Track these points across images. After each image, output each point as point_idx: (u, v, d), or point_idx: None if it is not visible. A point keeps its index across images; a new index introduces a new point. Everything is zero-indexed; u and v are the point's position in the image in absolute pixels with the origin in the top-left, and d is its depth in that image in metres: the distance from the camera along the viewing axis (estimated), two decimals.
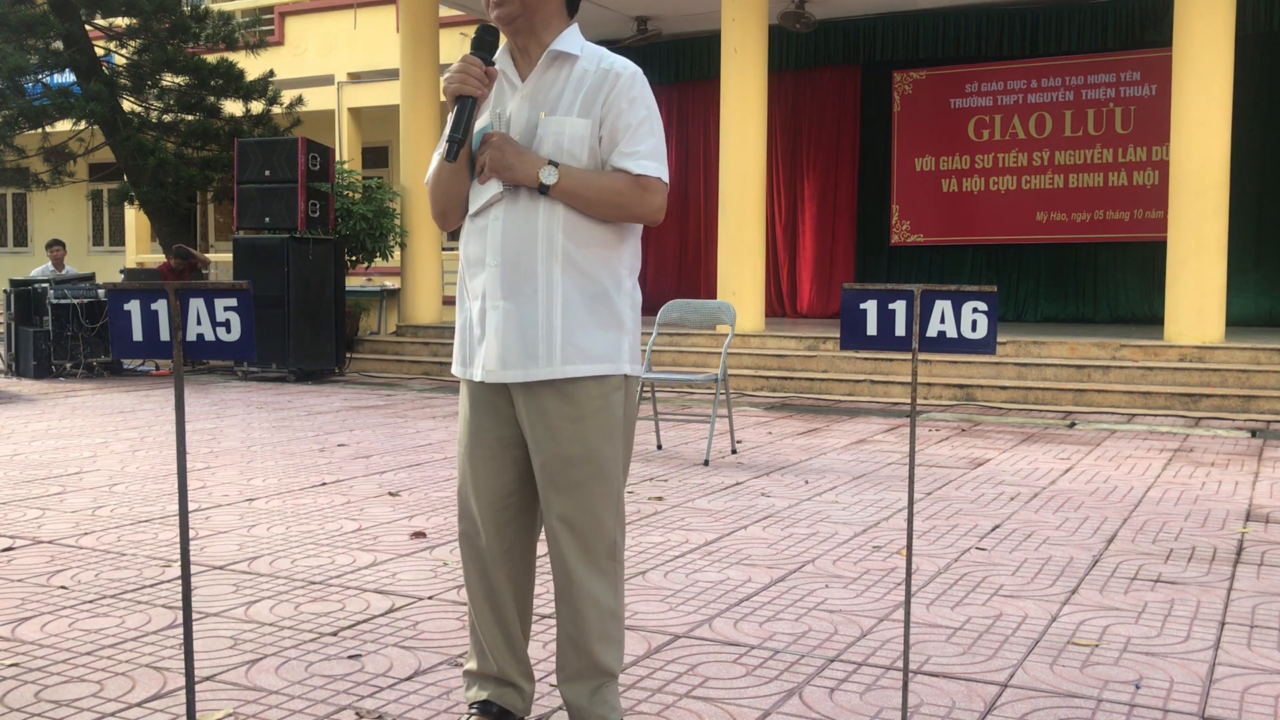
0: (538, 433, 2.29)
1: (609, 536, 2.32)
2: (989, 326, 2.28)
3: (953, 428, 7.76)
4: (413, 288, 12.79)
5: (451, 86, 2.25)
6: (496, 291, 2.28)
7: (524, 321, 2.26)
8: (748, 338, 10.61)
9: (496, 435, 2.36)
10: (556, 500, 2.29)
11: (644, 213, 2.29)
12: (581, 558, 2.30)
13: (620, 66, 2.31)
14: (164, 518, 4.69)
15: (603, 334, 2.29)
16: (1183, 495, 5.31)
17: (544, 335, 2.25)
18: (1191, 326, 9.30)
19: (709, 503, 5.05)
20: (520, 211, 2.27)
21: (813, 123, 13.97)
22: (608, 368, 2.28)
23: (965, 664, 2.94)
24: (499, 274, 2.27)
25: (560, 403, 2.26)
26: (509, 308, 2.27)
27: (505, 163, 2.24)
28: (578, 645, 2.33)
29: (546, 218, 2.25)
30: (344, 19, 17.18)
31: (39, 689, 2.75)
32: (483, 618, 2.41)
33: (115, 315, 1.94)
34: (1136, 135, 12.47)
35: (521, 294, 2.26)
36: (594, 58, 2.32)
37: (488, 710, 2.41)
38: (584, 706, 2.34)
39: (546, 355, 2.25)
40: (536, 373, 2.26)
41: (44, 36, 12.77)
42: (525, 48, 2.34)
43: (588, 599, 2.30)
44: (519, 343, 2.26)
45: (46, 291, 11.08)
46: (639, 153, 2.26)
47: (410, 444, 6.83)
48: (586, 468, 2.27)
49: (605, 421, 2.29)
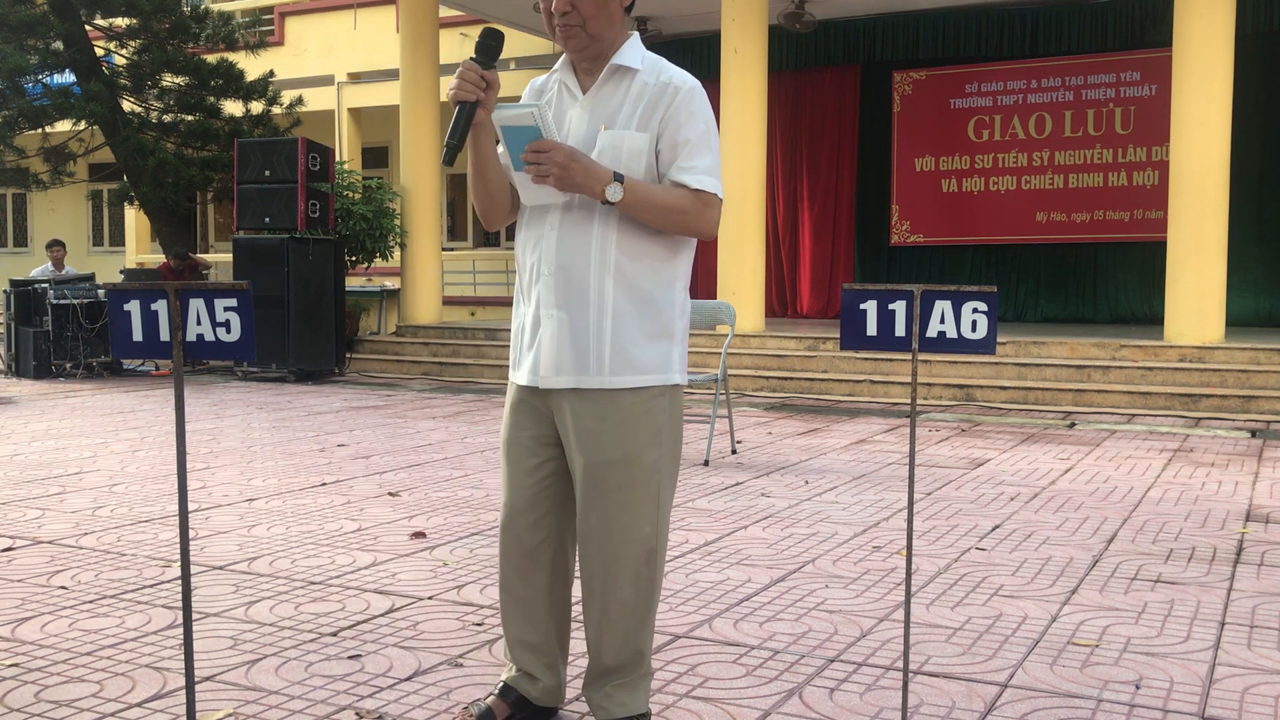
0: (580, 436, 2.33)
1: (647, 543, 2.35)
2: (989, 327, 2.28)
3: (953, 428, 7.76)
4: (413, 288, 12.79)
5: (451, 93, 2.28)
6: (550, 300, 2.33)
7: (575, 331, 2.31)
8: (748, 338, 10.61)
9: (534, 434, 2.41)
10: (596, 503, 2.33)
11: (702, 228, 2.33)
12: (615, 562, 2.34)
13: (679, 80, 2.34)
14: (164, 518, 4.69)
15: (652, 345, 2.33)
16: (1183, 495, 5.31)
17: (594, 346, 2.30)
18: (1191, 327, 9.30)
19: (709, 503, 5.05)
20: (575, 222, 2.31)
21: (813, 123, 13.97)
22: (656, 378, 2.34)
23: (965, 664, 2.94)
24: (552, 283, 2.32)
25: (604, 409, 2.31)
26: (562, 316, 2.32)
27: (573, 179, 2.24)
28: (602, 644, 2.39)
29: (601, 230, 2.30)
30: (344, 19, 17.18)
31: (39, 689, 2.75)
32: (507, 609, 2.49)
33: (115, 315, 1.94)
34: (1136, 135, 12.46)
35: (574, 304, 2.31)
36: (653, 70, 2.36)
37: (506, 695, 2.50)
38: (593, 699, 2.42)
39: (597, 365, 2.30)
40: (587, 381, 2.31)
41: (44, 36, 12.77)
42: (590, 63, 2.37)
43: (618, 602, 2.35)
44: (571, 352, 2.31)
45: (46, 292, 11.08)
46: (697, 168, 2.30)
47: (410, 444, 6.83)
48: (627, 472, 2.31)
49: (647, 427, 2.33)
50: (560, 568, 2.48)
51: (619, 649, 2.37)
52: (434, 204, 12.82)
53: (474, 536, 4.36)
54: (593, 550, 2.36)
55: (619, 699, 2.39)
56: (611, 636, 2.37)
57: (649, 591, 2.38)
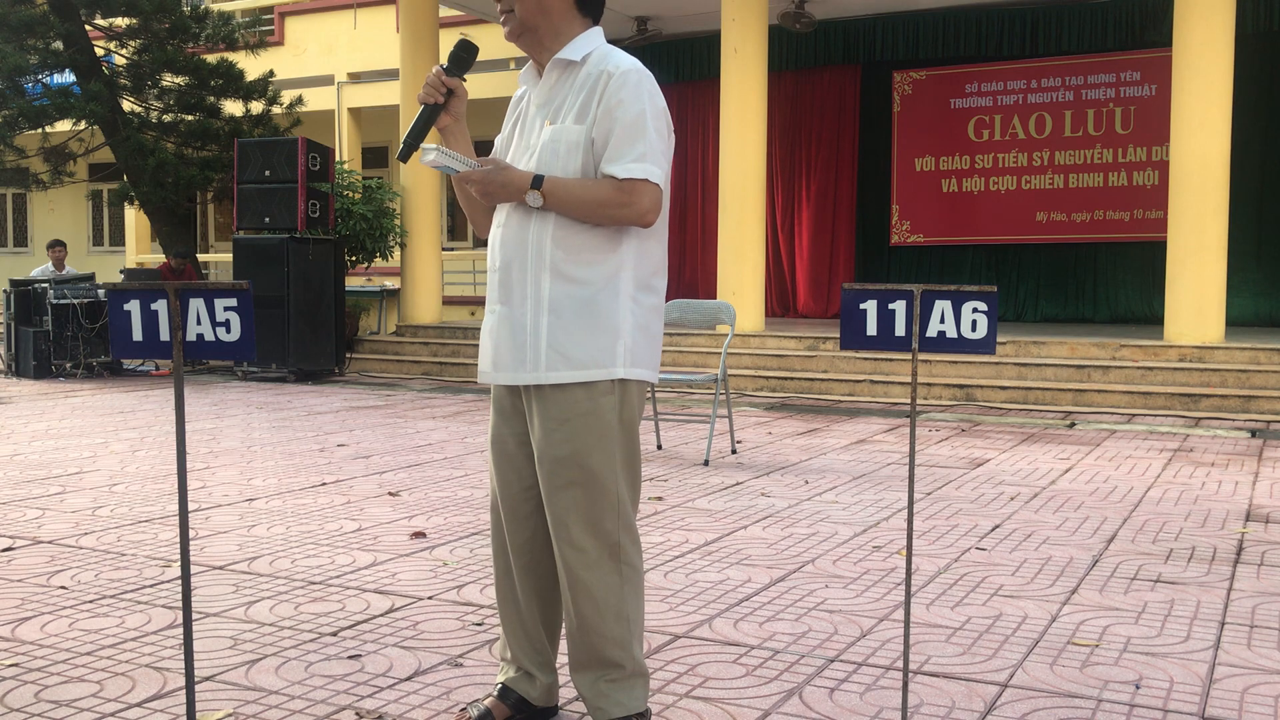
0: (535, 433, 2.37)
1: (609, 538, 2.34)
2: (989, 326, 2.28)
3: (952, 428, 7.76)
4: (412, 288, 12.79)
5: (419, 95, 2.38)
6: (494, 296, 2.40)
7: (514, 327, 2.34)
8: (747, 338, 10.61)
9: (511, 432, 2.45)
10: (553, 499, 2.35)
11: (629, 216, 2.27)
12: (577, 556, 2.33)
13: (613, 66, 2.29)
14: (164, 518, 4.69)
15: (592, 340, 2.30)
16: (1183, 495, 5.31)
17: (530, 341, 2.32)
18: (1191, 326, 9.30)
19: (709, 503, 5.05)
20: (516, 220, 2.36)
21: (813, 123, 13.96)
22: (596, 373, 2.30)
23: (965, 664, 2.94)
24: (496, 279, 2.40)
25: (549, 405, 2.32)
26: (503, 312, 2.37)
27: (491, 191, 2.32)
28: (575, 639, 2.40)
29: (537, 227, 2.32)
30: (344, 19, 17.18)
31: (39, 689, 2.74)
32: (503, 606, 2.52)
33: (115, 315, 1.94)
34: (1136, 135, 12.46)
35: (513, 300, 2.35)
36: (598, 61, 2.32)
37: (506, 696, 2.50)
38: (587, 698, 2.41)
39: (532, 360, 2.31)
40: (523, 377, 2.33)
41: (44, 36, 12.76)
42: (539, 60, 2.40)
43: (584, 595, 2.34)
44: (509, 346, 2.35)
45: (46, 292, 11.07)
46: (625, 155, 2.25)
47: (410, 444, 6.83)
48: (577, 470, 2.31)
49: (594, 425, 2.31)
50: (550, 565, 2.47)
51: (595, 645, 2.35)
52: (434, 204, 12.82)
53: (474, 536, 4.36)
54: (559, 545, 2.36)
55: (615, 698, 2.37)
56: (585, 632, 2.35)
57: (618, 587, 2.34)
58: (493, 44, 10.44)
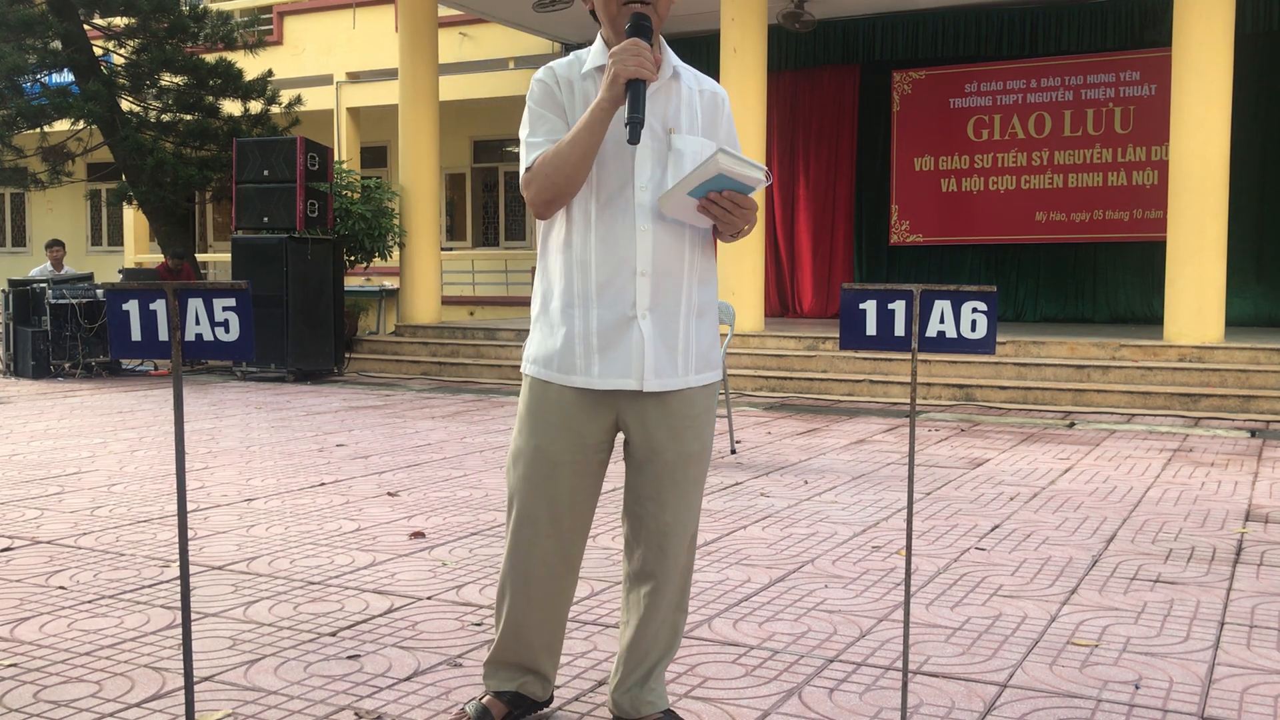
0: (660, 434, 2.36)
1: (695, 526, 2.48)
2: (988, 326, 2.28)
3: (952, 428, 7.76)
4: (411, 288, 12.78)
5: (628, 69, 2.17)
6: (645, 303, 2.31)
7: (668, 333, 2.35)
8: (747, 337, 10.61)
9: (596, 441, 2.38)
10: (673, 498, 2.39)
11: (748, 231, 2.39)
12: (688, 553, 2.44)
13: (721, 91, 2.47)
14: (163, 518, 4.69)
15: (714, 343, 2.45)
16: (1182, 495, 5.31)
17: (683, 347, 2.37)
18: (1191, 326, 9.30)
19: (708, 503, 5.05)
20: (670, 229, 2.33)
21: (812, 122, 13.96)
22: (718, 373, 2.48)
23: (964, 664, 2.94)
24: (649, 285, 2.31)
25: (684, 404, 2.38)
26: (656, 318, 2.34)
27: (744, 231, 2.33)
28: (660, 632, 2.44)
29: (691, 234, 2.37)
30: (342, 18, 17.17)
31: (38, 689, 2.74)
32: (540, 611, 2.44)
33: (114, 315, 1.94)
34: (1136, 135, 12.46)
35: (667, 306, 2.34)
36: (689, 76, 2.43)
37: (502, 695, 2.50)
38: (639, 694, 2.44)
39: (684, 365, 2.38)
40: (676, 382, 2.37)
41: (42, 36, 12.75)
42: None
43: (679, 592, 2.45)
44: (667, 353, 2.35)
45: (45, 291, 11.07)
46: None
47: (409, 444, 6.82)
48: (702, 464, 2.43)
49: (709, 422, 2.45)
50: (578, 570, 2.52)
51: (670, 639, 2.47)
52: (433, 203, 12.81)
53: (473, 536, 4.36)
54: (668, 546, 2.39)
55: (660, 690, 2.46)
56: (667, 628, 2.45)
57: (689, 574, 2.51)
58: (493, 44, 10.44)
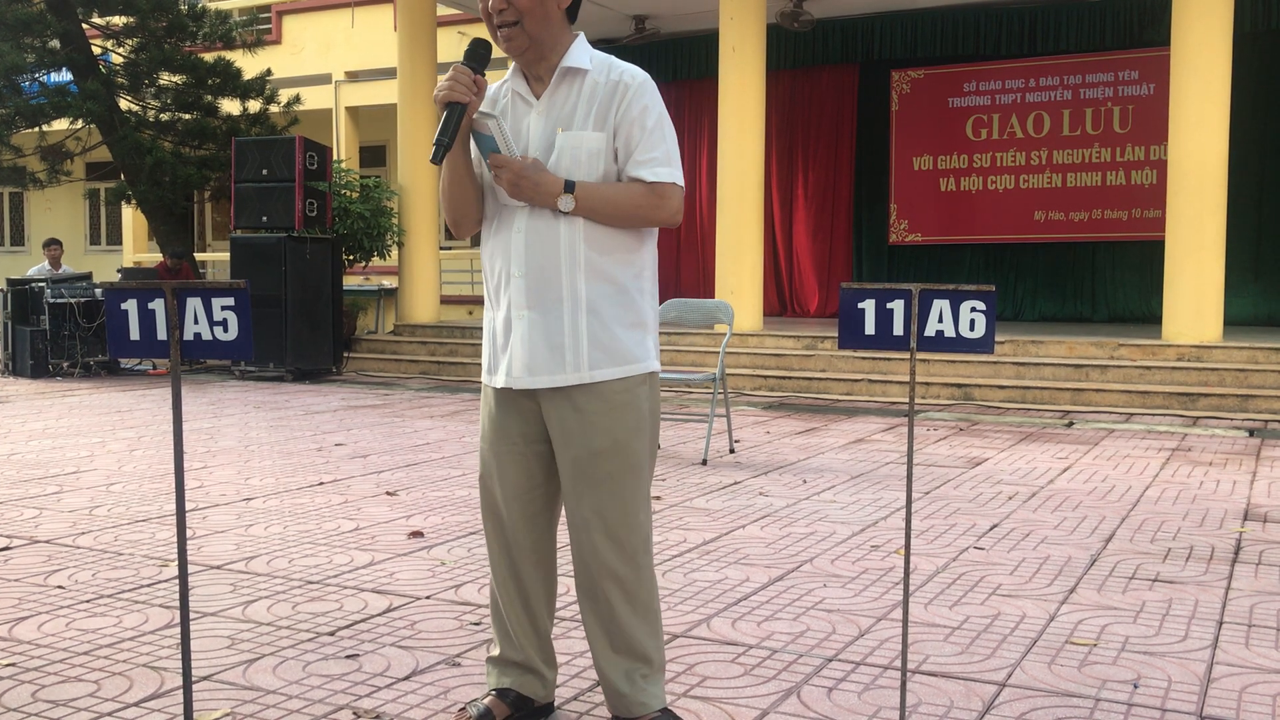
0: (567, 428, 2.36)
1: (642, 530, 2.40)
2: (987, 326, 2.28)
3: (951, 427, 7.77)
4: (410, 287, 12.78)
5: (440, 94, 2.32)
6: (522, 302, 2.36)
7: (549, 330, 2.34)
8: (746, 337, 10.61)
9: (522, 433, 2.43)
10: (588, 493, 2.36)
11: (663, 218, 2.37)
12: (613, 549, 2.37)
13: (629, 77, 2.37)
14: (161, 517, 4.69)
15: (628, 334, 2.38)
16: (1181, 494, 5.31)
17: (570, 343, 2.34)
18: (1189, 326, 9.30)
19: (707, 502, 5.05)
20: (543, 224, 2.34)
21: (811, 122, 13.96)
22: (635, 367, 2.38)
23: (963, 663, 2.94)
24: (524, 284, 2.36)
25: (589, 399, 2.35)
26: (534, 316, 2.35)
27: (523, 187, 2.31)
28: (605, 629, 2.40)
29: (568, 230, 2.34)
30: (341, 18, 17.16)
31: (36, 689, 2.74)
32: (511, 607, 2.49)
33: (112, 314, 1.93)
34: (1134, 134, 12.46)
35: (546, 303, 2.34)
36: (603, 69, 2.39)
37: (504, 696, 2.50)
38: (622, 691, 2.41)
39: (574, 362, 2.34)
40: (564, 379, 2.34)
41: (41, 35, 12.74)
42: (536, 69, 2.40)
43: (616, 588, 2.38)
44: (545, 350, 2.34)
45: (43, 291, 11.06)
46: (654, 160, 2.34)
47: (408, 443, 6.82)
48: (616, 460, 2.35)
49: (632, 416, 2.37)
50: (552, 564, 2.53)
51: (627, 636, 2.39)
52: (432, 203, 12.80)
53: (472, 536, 4.36)
54: (587, 542, 2.37)
55: (652, 691, 2.42)
56: (616, 624, 2.39)
57: (649, 580, 2.42)
58: None
